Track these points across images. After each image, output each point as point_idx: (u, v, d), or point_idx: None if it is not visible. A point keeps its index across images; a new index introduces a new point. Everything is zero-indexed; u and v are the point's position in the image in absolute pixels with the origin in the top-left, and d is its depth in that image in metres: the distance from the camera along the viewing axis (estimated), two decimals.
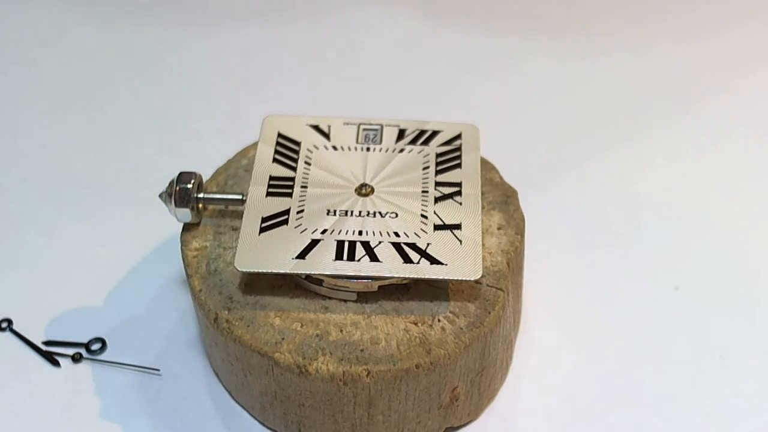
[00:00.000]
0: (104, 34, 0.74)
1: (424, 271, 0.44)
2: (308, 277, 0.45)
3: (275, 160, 0.49)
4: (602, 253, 0.57)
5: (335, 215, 0.47)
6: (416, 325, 0.44)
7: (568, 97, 0.68)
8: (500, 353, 0.47)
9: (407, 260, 0.44)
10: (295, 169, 0.49)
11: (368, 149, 0.50)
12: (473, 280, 0.44)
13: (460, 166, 0.49)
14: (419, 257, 0.44)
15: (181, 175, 0.48)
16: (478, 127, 0.51)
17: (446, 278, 0.44)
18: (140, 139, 0.65)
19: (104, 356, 0.51)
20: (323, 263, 0.44)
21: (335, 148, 0.50)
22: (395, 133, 0.51)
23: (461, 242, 0.45)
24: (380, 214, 0.47)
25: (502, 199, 0.50)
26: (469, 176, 0.49)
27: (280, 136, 0.51)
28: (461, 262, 0.44)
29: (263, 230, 0.46)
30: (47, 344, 0.52)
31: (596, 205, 0.60)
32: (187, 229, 0.49)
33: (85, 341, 0.52)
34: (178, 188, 0.47)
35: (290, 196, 0.48)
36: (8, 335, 0.52)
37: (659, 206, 0.59)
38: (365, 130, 0.51)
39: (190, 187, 0.48)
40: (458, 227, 0.46)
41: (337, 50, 0.72)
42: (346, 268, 0.44)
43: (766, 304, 0.54)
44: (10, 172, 0.62)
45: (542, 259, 0.55)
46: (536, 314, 0.53)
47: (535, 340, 0.52)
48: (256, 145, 0.52)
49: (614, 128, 0.65)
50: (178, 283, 0.55)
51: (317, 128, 0.51)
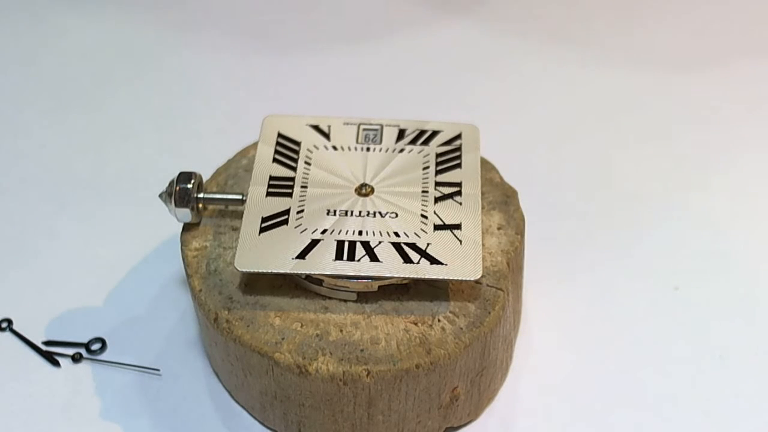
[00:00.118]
0: (104, 34, 0.74)
1: (424, 271, 0.44)
2: (308, 277, 0.45)
3: (275, 160, 0.49)
4: (602, 253, 0.57)
5: (335, 215, 0.47)
6: (416, 325, 0.44)
7: (568, 97, 0.68)
8: (500, 353, 0.47)
9: (407, 260, 0.44)
10: (295, 169, 0.49)
11: (368, 149, 0.50)
12: (473, 280, 0.44)
13: (460, 166, 0.49)
14: (419, 257, 0.44)
15: (181, 175, 0.48)
16: (478, 127, 0.51)
17: (446, 278, 0.44)
18: (140, 139, 0.65)
19: (104, 356, 0.51)
20: (323, 263, 0.44)
21: (335, 148, 0.50)
22: (395, 133, 0.51)
23: (461, 242, 0.45)
24: (380, 214, 0.47)
25: (502, 199, 0.50)
26: (469, 176, 0.49)
27: (280, 136, 0.51)
28: (461, 262, 0.44)
29: (263, 230, 0.46)
30: (47, 344, 0.52)
31: (596, 205, 0.60)
32: (187, 229, 0.49)
33: (85, 341, 0.52)
34: (178, 188, 0.47)
35: (290, 196, 0.47)
36: (8, 335, 0.52)
37: (659, 206, 0.59)
38: (365, 130, 0.51)
39: (190, 187, 0.48)
40: (458, 227, 0.46)
41: (337, 50, 0.72)
42: (346, 268, 0.44)
43: (766, 304, 0.54)
44: (10, 172, 0.62)
45: (542, 259, 0.55)
46: (536, 314, 0.53)
47: (535, 340, 0.52)
48: (256, 145, 0.52)
49: (614, 129, 0.65)
50: (178, 283, 0.55)
51: (317, 128, 0.51)
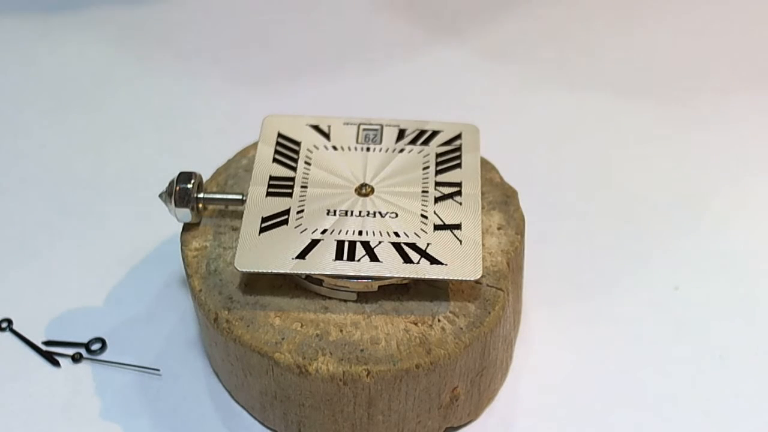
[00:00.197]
0: (104, 33, 0.74)
1: (424, 271, 0.44)
2: (308, 277, 0.45)
3: (275, 160, 0.49)
4: (602, 252, 0.57)
5: (335, 215, 0.46)
6: (416, 325, 0.44)
7: (568, 97, 0.68)
8: (500, 353, 0.47)
9: (407, 260, 0.44)
10: (295, 169, 0.49)
11: (368, 149, 0.50)
12: (473, 280, 0.44)
13: (460, 166, 0.49)
14: (419, 257, 0.44)
15: (181, 175, 0.48)
16: (478, 127, 0.51)
17: (446, 278, 0.44)
18: (140, 139, 0.65)
19: (104, 356, 0.51)
20: (323, 263, 0.44)
21: (335, 148, 0.50)
22: (395, 133, 0.51)
23: (461, 242, 0.45)
24: (380, 214, 0.47)
25: (502, 199, 0.50)
26: (469, 176, 0.49)
27: (280, 136, 0.51)
28: (461, 262, 0.44)
29: (263, 230, 0.46)
30: (47, 344, 0.52)
31: (596, 205, 0.60)
32: (187, 229, 0.49)
33: (85, 341, 0.52)
34: (178, 188, 0.47)
35: (290, 196, 0.47)
36: (8, 335, 0.52)
37: (660, 206, 0.59)
38: (365, 130, 0.51)
39: (190, 187, 0.48)
40: (458, 227, 0.46)
41: (337, 50, 0.72)
42: (346, 268, 0.44)
43: (766, 304, 0.54)
44: (10, 172, 0.62)
45: (542, 259, 0.55)
46: (536, 314, 0.53)
47: (535, 340, 0.52)
48: (256, 145, 0.52)
49: (614, 128, 0.65)
50: (178, 283, 0.55)
51: (317, 128, 0.51)
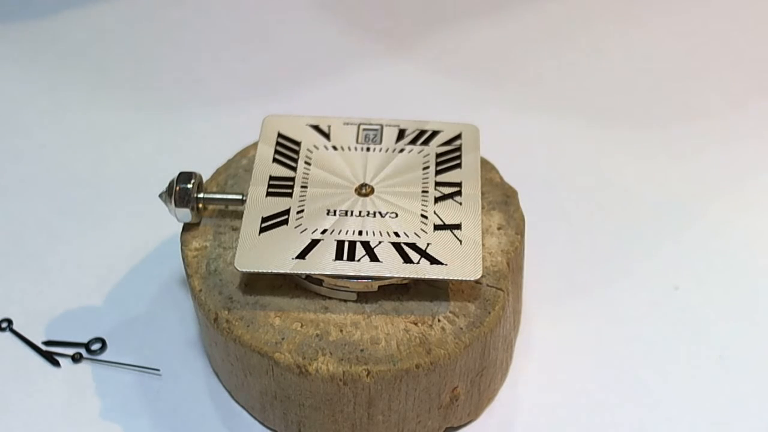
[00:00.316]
0: (104, 33, 0.74)
1: (424, 271, 0.44)
2: (308, 277, 0.45)
3: (275, 160, 0.49)
4: (602, 252, 0.57)
5: (335, 215, 0.46)
6: (416, 325, 0.44)
7: (568, 96, 0.68)
8: (500, 353, 0.47)
9: (407, 260, 0.44)
10: (295, 169, 0.49)
11: (368, 149, 0.50)
12: (473, 280, 0.44)
13: (460, 166, 0.49)
14: (419, 257, 0.44)
15: (181, 175, 0.48)
16: (478, 127, 0.51)
17: (446, 278, 0.44)
18: (140, 139, 0.65)
19: (104, 356, 0.51)
20: (323, 263, 0.44)
21: (335, 148, 0.50)
22: (395, 133, 0.51)
23: (461, 242, 0.45)
24: (380, 214, 0.47)
25: (502, 199, 0.50)
26: (469, 176, 0.49)
27: (280, 136, 0.51)
28: (461, 262, 0.44)
29: (263, 230, 0.46)
30: (47, 344, 0.52)
31: (596, 205, 0.60)
32: (187, 229, 0.49)
33: (85, 341, 0.52)
34: (178, 188, 0.47)
35: (290, 196, 0.47)
36: (8, 335, 0.52)
37: (660, 206, 0.59)
38: (365, 130, 0.51)
39: (190, 187, 0.48)
40: (458, 227, 0.46)
41: (337, 50, 0.72)
42: (346, 268, 0.44)
43: (766, 304, 0.54)
44: (10, 172, 0.62)
45: (542, 258, 0.55)
46: (536, 314, 0.53)
47: (535, 340, 0.52)
48: (256, 145, 0.52)
49: (614, 128, 0.65)
50: (178, 283, 0.55)
51: (317, 128, 0.51)
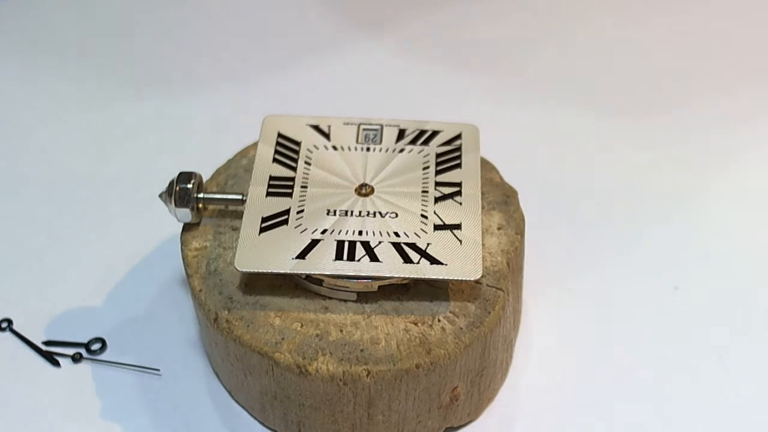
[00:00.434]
0: (104, 33, 0.74)
1: (424, 271, 0.44)
2: (308, 277, 0.45)
3: (275, 160, 0.49)
4: (602, 252, 0.57)
5: (335, 215, 0.47)
6: (416, 325, 0.44)
7: (568, 96, 0.68)
8: (500, 353, 0.47)
9: (407, 260, 0.44)
10: (295, 169, 0.49)
11: (368, 149, 0.50)
12: (473, 280, 0.44)
13: (460, 166, 0.49)
14: (419, 257, 0.44)
15: (181, 175, 0.48)
16: (478, 127, 0.51)
17: (446, 278, 0.44)
18: (140, 139, 0.65)
19: (104, 356, 0.51)
20: (323, 263, 0.44)
21: (335, 148, 0.50)
22: (395, 133, 0.51)
23: (461, 242, 0.45)
24: (380, 214, 0.47)
25: (502, 199, 0.50)
26: (469, 176, 0.49)
27: (280, 136, 0.51)
28: (461, 262, 0.44)
29: (263, 230, 0.46)
30: (47, 344, 0.52)
31: (596, 205, 0.60)
32: (187, 229, 0.49)
33: (85, 341, 0.52)
34: (178, 188, 0.47)
35: (290, 196, 0.47)
36: (8, 335, 0.52)
37: (659, 206, 0.59)
38: (365, 130, 0.51)
39: (190, 187, 0.48)
40: (458, 227, 0.46)
41: (337, 50, 0.72)
42: (346, 268, 0.44)
43: (765, 304, 0.54)
44: (10, 172, 0.62)
45: (542, 258, 0.55)
46: (536, 314, 0.53)
47: (535, 340, 0.52)
48: (256, 145, 0.52)
49: (614, 128, 0.65)
50: (178, 283, 0.55)
51: (317, 128, 0.51)
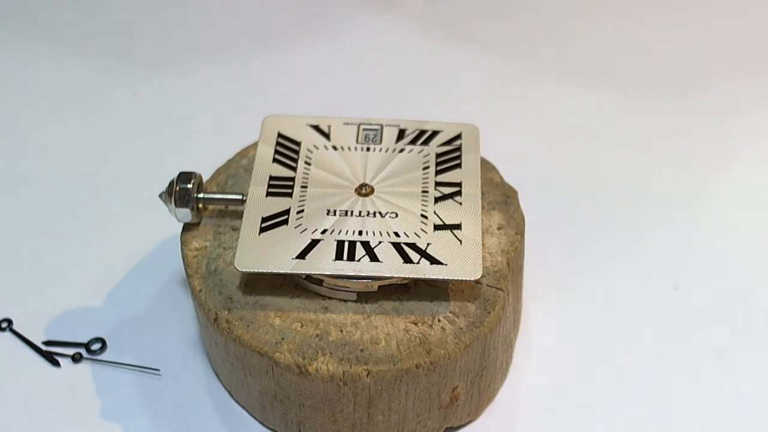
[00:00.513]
0: (104, 34, 0.74)
1: (424, 271, 0.44)
2: (308, 277, 0.45)
3: (275, 160, 0.49)
4: (602, 252, 0.57)
5: (335, 215, 0.47)
6: (416, 325, 0.44)
7: (568, 96, 0.68)
8: (500, 353, 0.47)
9: (407, 260, 0.44)
10: (295, 169, 0.49)
11: (368, 149, 0.50)
12: (473, 280, 0.44)
13: (460, 166, 0.49)
14: (419, 257, 0.44)
15: (181, 175, 0.48)
16: (478, 127, 0.51)
17: (446, 278, 0.44)
18: (140, 139, 0.65)
19: (104, 356, 0.51)
20: (323, 263, 0.44)
21: (335, 148, 0.50)
22: (395, 133, 0.51)
23: (461, 242, 0.45)
24: (380, 214, 0.47)
25: (502, 199, 0.50)
26: (469, 176, 0.49)
27: (280, 136, 0.51)
28: (461, 262, 0.44)
29: (263, 230, 0.46)
30: (47, 344, 0.52)
31: (596, 204, 0.60)
32: (187, 229, 0.49)
33: (85, 341, 0.52)
34: (178, 188, 0.47)
35: (290, 196, 0.47)
36: (8, 335, 0.52)
37: (659, 206, 0.59)
38: (365, 130, 0.51)
39: (190, 187, 0.48)
40: (458, 227, 0.46)
41: (337, 50, 0.72)
42: (346, 268, 0.44)
43: (765, 304, 0.54)
44: (10, 172, 0.62)
45: (542, 258, 0.55)
46: (536, 314, 0.53)
47: (535, 340, 0.52)
48: (256, 145, 0.52)
49: (614, 128, 0.65)
50: (178, 283, 0.55)
51: (317, 128, 0.51)
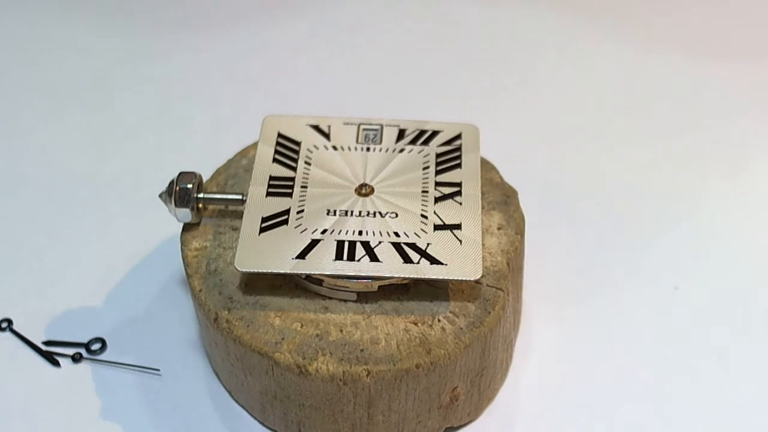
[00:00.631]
0: (104, 34, 0.74)
1: (424, 271, 0.44)
2: (308, 277, 0.45)
3: (275, 160, 0.49)
4: (602, 252, 0.57)
5: (335, 215, 0.47)
6: (416, 325, 0.44)
7: (568, 96, 0.68)
8: (500, 353, 0.47)
9: (407, 260, 0.44)
10: (295, 169, 0.49)
11: (368, 149, 0.50)
12: (473, 280, 0.44)
13: (460, 166, 0.49)
14: (419, 257, 0.44)
15: (181, 175, 0.48)
16: (478, 127, 0.51)
17: (446, 278, 0.44)
18: (140, 139, 0.65)
19: (104, 356, 0.51)
20: (323, 263, 0.44)
21: (335, 148, 0.50)
22: (395, 133, 0.51)
23: (461, 242, 0.45)
24: (380, 214, 0.47)
25: (502, 199, 0.50)
26: (469, 176, 0.49)
27: (280, 136, 0.51)
28: (461, 262, 0.44)
29: (263, 230, 0.46)
30: (47, 344, 0.52)
31: (596, 205, 0.60)
32: (187, 229, 0.49)
33: (85, 341, 0.52)
34: (178, 188, 0.47)
35: (290, 196, 0.47)
36: (8, 335, 0.52)
37: (660, 206, 0.59)
38: (365, 130, 0.51)
39: (190, 187, 0.48)
40: (458, 227, 0.46)
41: (337, 50, 0.72)
42: (346, 268, 0.44)
43: (765, 304, 0.54)
44: (10, 172, 0.62)
45: (542, 258, 0.55)
46: (536, 314, 0.53)
47: (535, 340, 0.52)
48: (256, 145, 0.52)
49: (614, 128, 0.65)
50: (178, 283, 0.55)
51: (317, 128, 0.51)
